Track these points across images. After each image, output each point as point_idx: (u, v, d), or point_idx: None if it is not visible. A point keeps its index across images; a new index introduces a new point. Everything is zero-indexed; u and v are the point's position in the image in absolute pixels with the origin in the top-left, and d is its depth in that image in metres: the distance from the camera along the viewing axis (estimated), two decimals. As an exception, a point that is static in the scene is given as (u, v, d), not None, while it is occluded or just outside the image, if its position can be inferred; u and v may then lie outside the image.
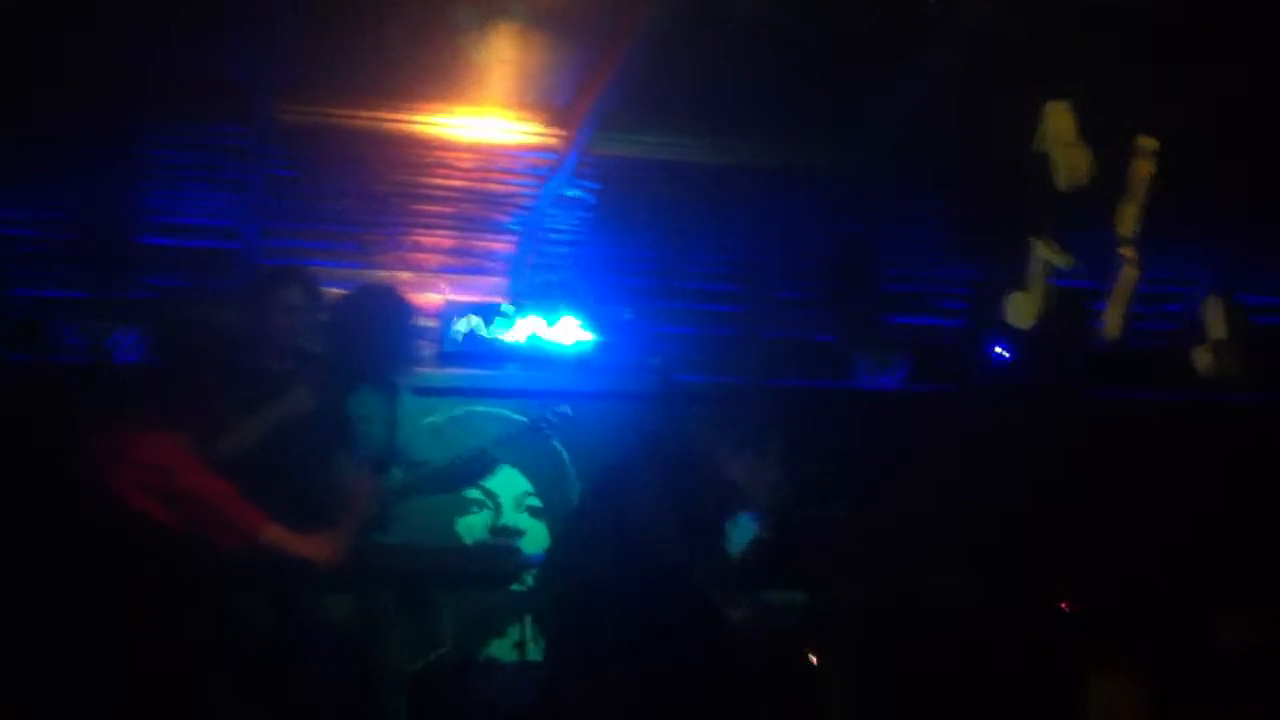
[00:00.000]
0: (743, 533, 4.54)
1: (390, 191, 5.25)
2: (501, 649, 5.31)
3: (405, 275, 5.44)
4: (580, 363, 5.64)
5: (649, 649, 4.11)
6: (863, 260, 5.91)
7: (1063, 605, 5.01)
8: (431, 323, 5.44)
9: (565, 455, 5.68)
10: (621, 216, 5.48)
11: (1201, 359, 3.86)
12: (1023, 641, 4.86)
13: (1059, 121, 3.46)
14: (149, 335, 5.11)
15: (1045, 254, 3.69)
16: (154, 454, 3.45)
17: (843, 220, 5.64)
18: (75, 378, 5.07)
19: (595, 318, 5.54)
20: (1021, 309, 3.71)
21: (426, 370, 5.33)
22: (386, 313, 4.37)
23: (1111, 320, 3.56)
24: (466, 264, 5.61)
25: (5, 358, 5.01)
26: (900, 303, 6.05)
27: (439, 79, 4.69)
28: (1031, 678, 4.69)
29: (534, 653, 5.09)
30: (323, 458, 3.90)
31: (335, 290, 4.58)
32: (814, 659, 4.37)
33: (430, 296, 5.48)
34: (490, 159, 5.11)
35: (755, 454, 4.46)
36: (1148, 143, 3.60)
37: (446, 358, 5.54)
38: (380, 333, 4.25)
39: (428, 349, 5.40)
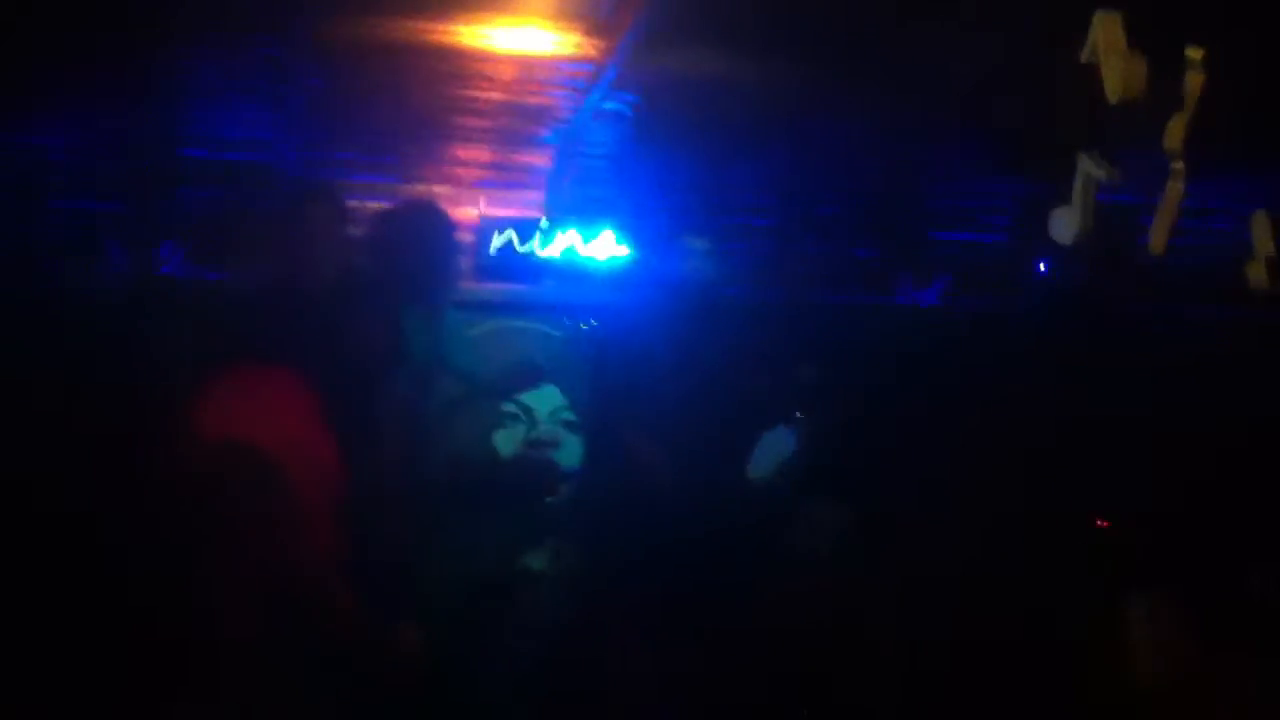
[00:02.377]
0: (780, 446, 4.56)
1: (427, 104, 5.23)
2: (538, 561, 5.36)
3: (442, 189, 5.45)
4: (617, 277, 5.65)
5: (685, 563, 4.15)
6: (904, 176, 5.87)
7: (1101, 523, 5.01)
8: (468, 237, 5.46)
9: (601, 369, 5.70)
10: (661, 131, 5.45)
11: (1250, 275, 3.80)
12: (1061, 555, 4.87)
13: (1109, 31, 3.39)
14: (192, 249, 5.18)
15: (1090, 168, 3.63)
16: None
17: (885, 136, 5.57)
18: (120, 290, 5.13)
19: (633, 233, 5.53)
20: (1065, 224, 3.66)
21: (463, 285, 5.36)
22: (425, 227, 4.38)
23: (1157, 236, 3.50)
24: (503, 178, 5.61)
25: (49, 271, 5.06)
26: (941, 218, 6.02)
27: (477, -11, 4.64)
28: (1068, 592, 4.71)
29: (571, 565, 5.13)
30: (367, 371, 3.93)
31: (374, 204, 4.60)
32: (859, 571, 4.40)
33: (467, 211, 5.49)
34: (528, 71, 5.07)
35: (793, 368, 4.49)
36: (1196, 54, 3.53)
37: (483, 272, 5.56)
38: (419, 248, 4.27)
39: (465, 263, 5.43)
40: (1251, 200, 3.78)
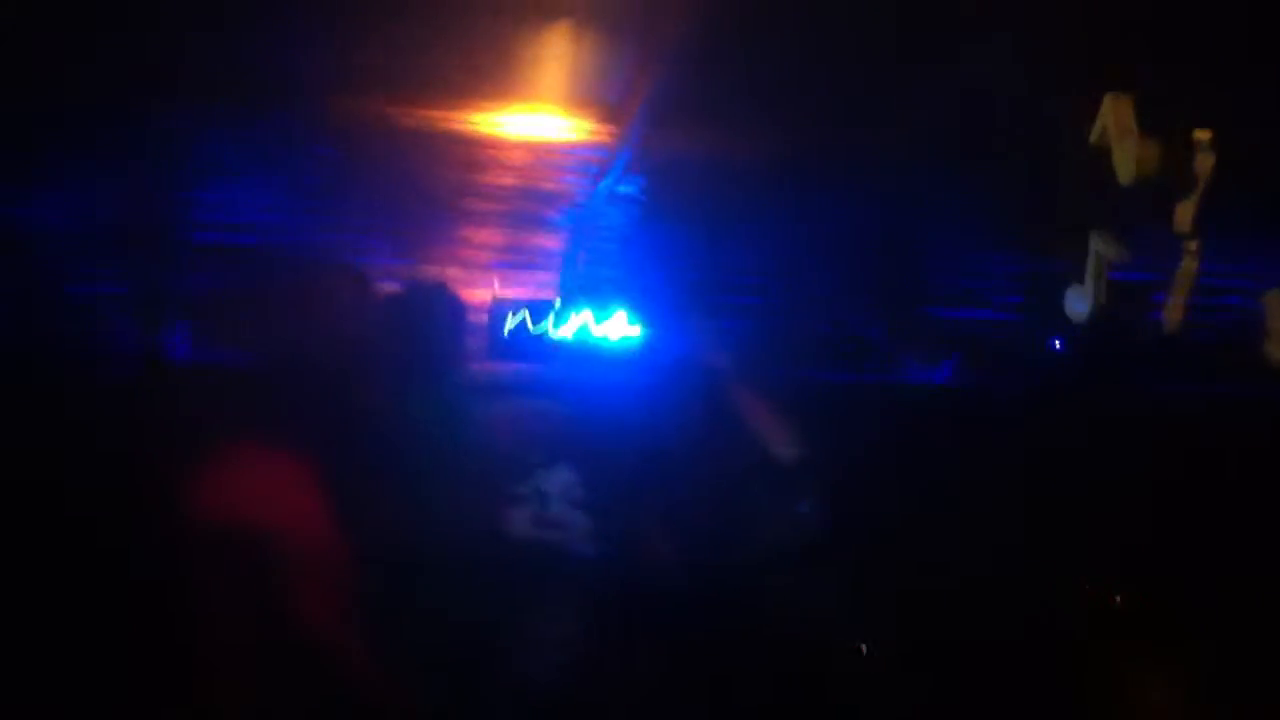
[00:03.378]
0: (790, 525, 4.54)
1: (440, 188, 5.28)
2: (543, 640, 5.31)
3: (455, 271, 5.47)
4: (628, 357, 5.66)
5: (694, 642, 4.12)
6: (913, 254, 5.89)
7: (1114, 599, 4.99)
8: (481, 319, 5.48)
9: (613, 448, 5.68)
10: (672, 212, 5.49)
11: (1264, 353, 3.81)
12: (1070, 635, 4.83)
13: (1120, 113, 3.43)
14: (202, 331, 5.18)
15: (1101, 247, 3.66)
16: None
17: (894, 213, 5.60)
18: (127, 373, 5.12)
19: (645, 313, 5.55)
20: (1079, 302, 3.68)
21: (477, 365, 5.37)
22: (437, 310, 4.39)
23: (1171, 314, 3.53)
24: (517, 260, 5.64)
25: (56, 354, 5.05)
26: (952, 297, 6.03)
27: (491, 77, 4.69)
28: (1079, 671, 4.68)
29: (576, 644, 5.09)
30: (377, 451, 3.92)
31: (386, 287, 4.61)
32: (863, 649, 4.37)
33: (480, 292, 5.51)
34: (541, 156, 5.13)
35: (802, 448, 4.47)
36: (1205, 135, 3.57)
37: (496, 353, 5.57)
38: (432, 329, 4.27)
39: (477, 345, 5.44)
40: (1265, 278, 3.81)
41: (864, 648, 4.36)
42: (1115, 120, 3.44)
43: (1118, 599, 5.02)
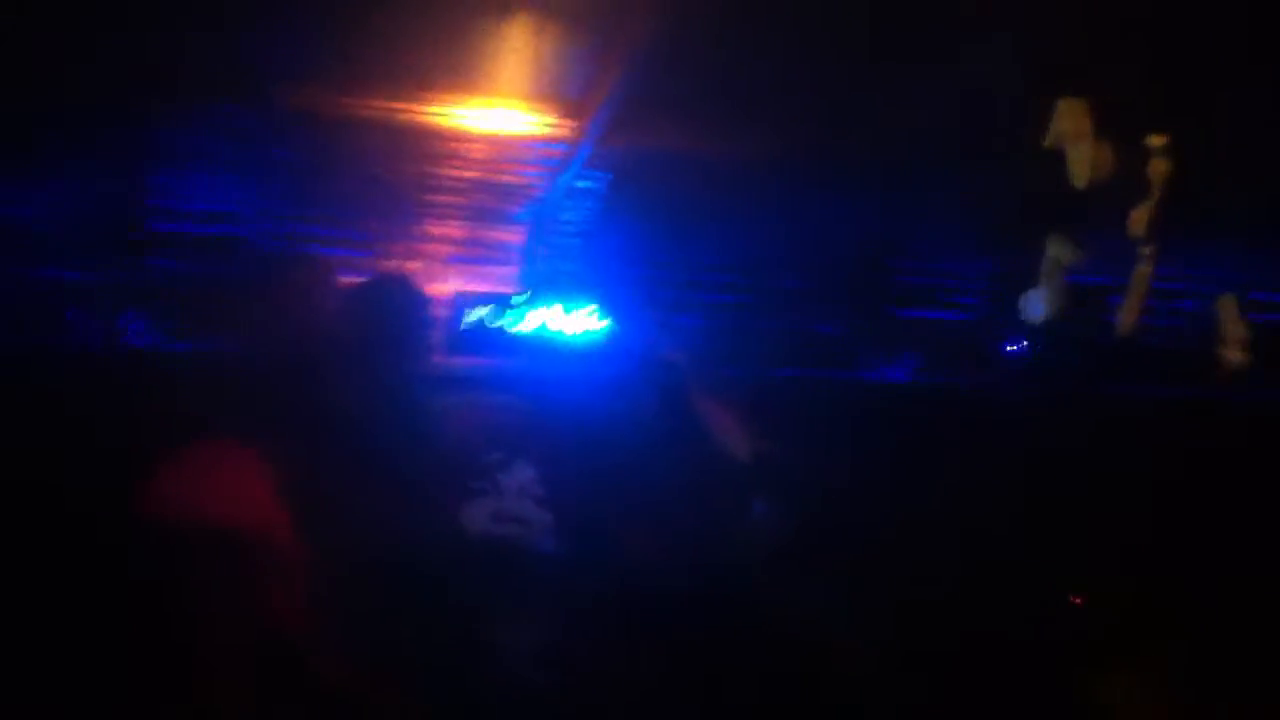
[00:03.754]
0: (749, 521, 4.55)
1: (401, 181, 5.25)
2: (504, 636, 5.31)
3: (415, 264, 5.46)
4: (589, 352, 5.66)
5: (657, 640, 4.12)
6: (874, 253, 5.91)
7: (1075, 600, 5.02)
8: (441, 312, 5.47)
9: (571, 443, 5.69)
10: (632, 207, 5.49)
11: (1215, 357, 3.85)
12: (1032, 636, 4.86)
13: (1073, 118, 3.46)
14: (160, 320, 5.15)
15: (1058, 250, 3.69)
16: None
17: (855, 212, 5.63)
18: (84, 362, 5.08)
19: (605, 308, 5.55)
20: (1036, 304, 3.71)
21: (436, 359, 5.36)
22: (398, 303, 4.38)
23: (1126, 317, 3.56)
24: (477, 254, 5.62)
25: (13, 341, 5.02)
26: (911, 296, 6.06)
27: (452, 69, 4.66)
28: (1041, 673, 4.70)
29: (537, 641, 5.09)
30: (331, 442, 3.90)
31: (346, 278, 4.59)
32: (827, 646, 4.38)
33: (440, 286, 5.50)
34: (502, 150, 5.11)
35: (762, 444, 4.48)
36: (1160, 140, 3.60)
37: (455, 347, 5.56)
38: (392, 323, 4.26)
39: (437, 338, 5.43)
40: (1219, 283, 3.85)
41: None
42: (1070, 124, 3.46)
43: (1077, 600, 5.06)
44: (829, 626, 4.43)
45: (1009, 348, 5.88)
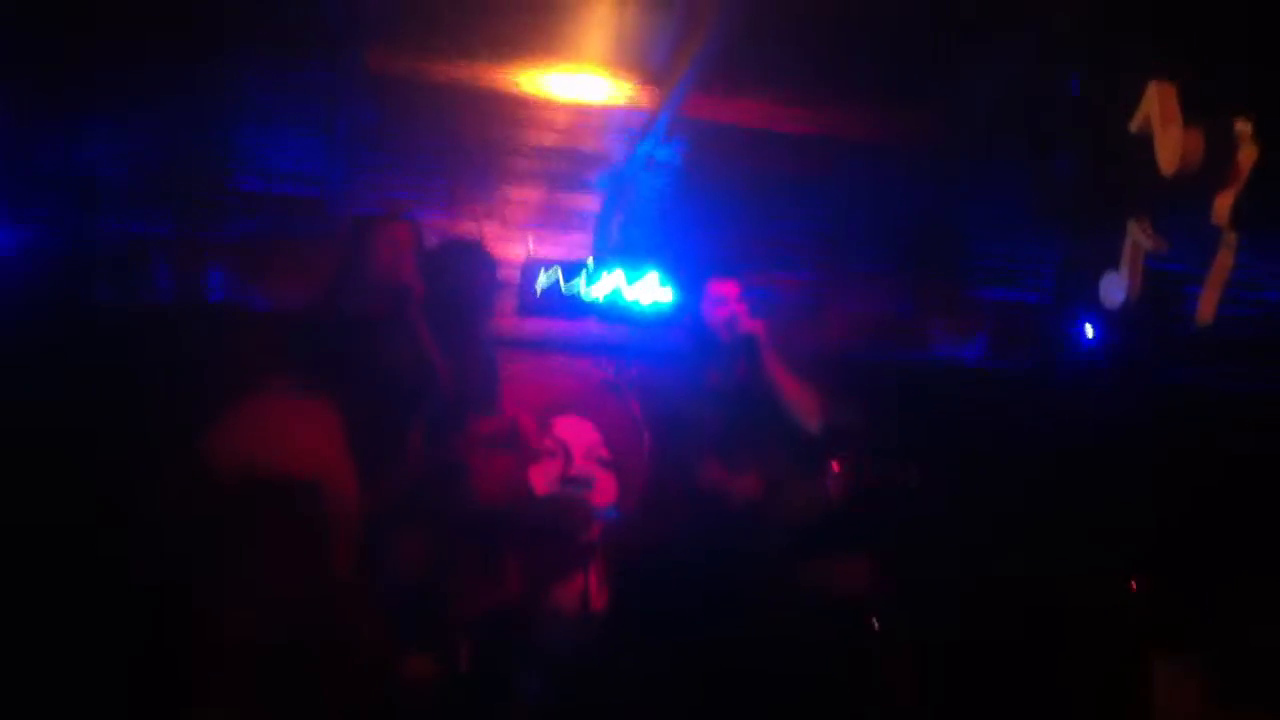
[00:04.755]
0: (813, 498, 4.56)
1: (480, 145, 5.28)
2: (566, 598, 5.36)
3: (491, 228, 5.49)
4: (658, 321, 5.68)
5: (712, 607, 4.14)
6: (949, 233, 5.87)
7: (1132, 585, 4.99)
8: (515, 275, 5.51)
9: (638, 409, 5.72)
10: (709, 180, 5.49)
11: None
12: (1089, 620, 4.84)
13: (1164, 102, 3.40)
14: (240, 276, 5.22)
15: (1138, 236, 3.64)
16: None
17: (931, 192, 5.59)
18: (164, 316, 5.17)
19: (678, 278, 5.56)
20: (1114, 289, 3.66)
21: (507, 322, 5.40)
22: (472, 265, 4.42)
23: (1205, 305, 3.50)
24: (552, 220, 5.65)
25: (95, 295, 5.10)
26: (985, 277, 6.01)
27: (534, 35, 4.69)
28: (1096, 657, 4.68)
29: (598, 604, 5.13)
30: (404, 405, 3.95)
31: (422, 240, 4.63)
32: (876, 624, 4.38)
33: (515, 250, 5.54)
34: (582, 117, 5.13)
35: (828, 420, 4.48)
36: (1246, 127, 3.53)
37: (527, 310, 5.60)
38: (465, 285, 4.30)
39: (509, 301, 5.48)
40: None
41: (875, 622, 4.38)
42: (1159, 108, 3.40)
43: (1134, 586, 5.03)
44: (893, 604, 4.44)
45: (1083, 333, 5.82)
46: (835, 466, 4.51)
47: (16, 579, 3.70)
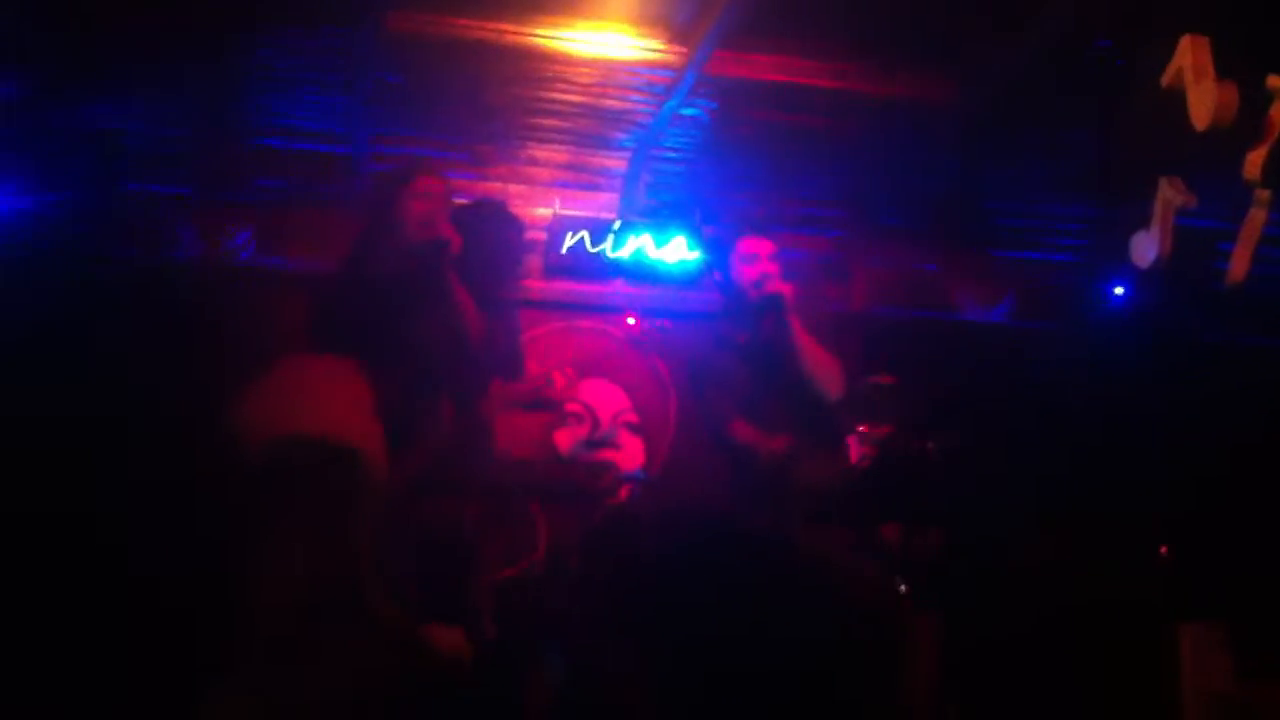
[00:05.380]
0: (836, 464, 4.53)
1: (504, 104, 5.25)
2: (591, 561, 5.35)
3: (517, 188, 5.48)
4: (685, 281, 5.66)
5: (736, 575, 4.14)
6: (977, 192, 5.82)
7: (1161, 549, 4.96)
8: (541, 236, 5.49)
9: (665, 372, 5.72)
10: (735, 138, 5.45)
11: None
12: (1118, 584, 4.82)
13: (1198, 56, 3.34)
14: (266, 237, 5.23)
15: (1169, 193, 3.59)
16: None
17: (960, 151, 5.54)
18: (192, 275, 5.18)
19: (703, 237, 5.54)
20: (1144, 248, 3.62)
21: (533, 283, 5.39)
22: (497, 226, 4.40)
23: (1237, 264, 3.45)
24: (578, 179, 5.63)
25: (121, 255, 5.12)
26: (1013, 236, 5.97)
27: (560, -10, 4.67)
28: (1124, 627, 4.66)
29: (624, 567, 5.11)
30: (436, 368, 3.94)
31: (447, 200, 4.61)
32: (904, 589, 4.36)
33: (541, 210, 5.52)
34: (607, 75, 5.09)
35: (854, 381, 4.45)
36: (1278, 83, 3.47)
37: (553, 271, 5.59)
38: (490, 246, 4.28)
39: (535, 262, 5.47)
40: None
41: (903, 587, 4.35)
42: (1192, 62, 3.34)
43: (1164, 551, 4.99)
44: (919, 570, 4.42)
45: (1113, 292, 5.77)
46: (862, 431, 4.48)
47: (38, 540, 3.73)
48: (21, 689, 3.44)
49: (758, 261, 4.39)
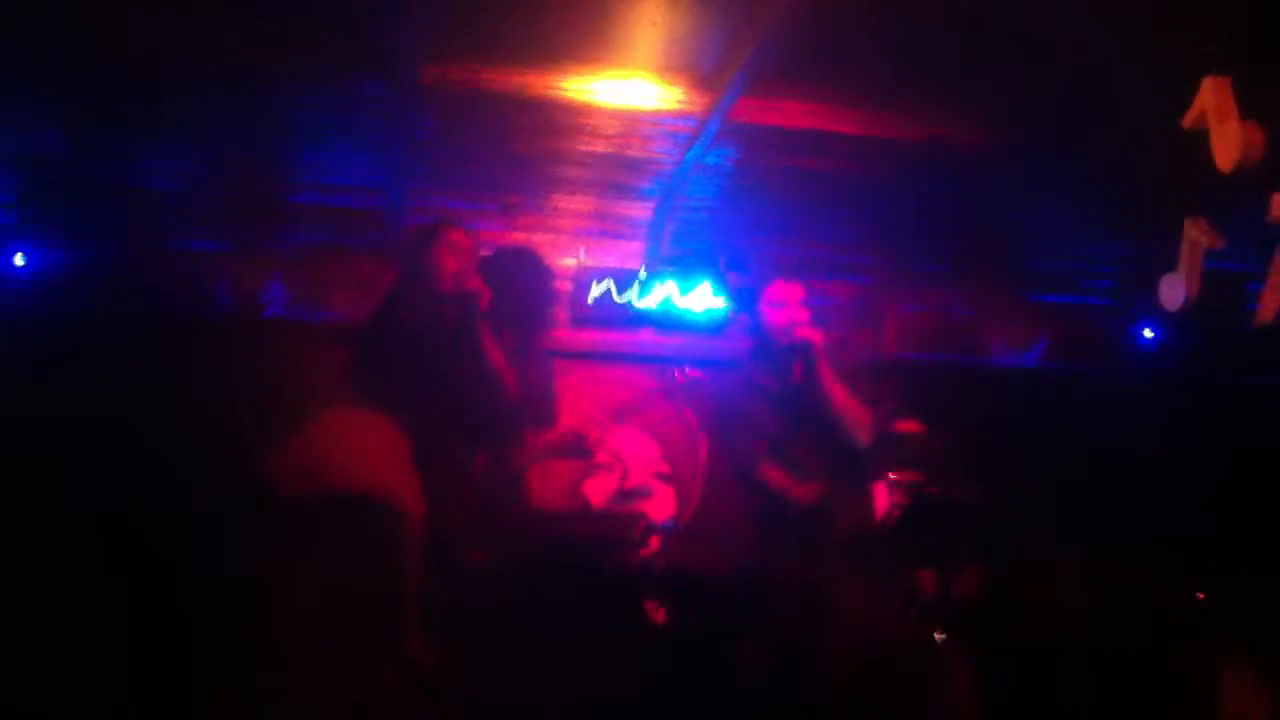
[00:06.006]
0: (866, 511, 4.51)
1: (531, 154, 5.29)
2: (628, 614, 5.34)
3: (543, 237, 5.51)
4: (713, 329, 5.66)
5: (773, 615, 4.11)
6: (1007, 236, 5.81)
7: (1198, 595, 4.89)
8: (567, 285, 5.51)
9: (694, 421, 5.70)
10: (761, 185, 5.46)
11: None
12: (1156, 631, 4.75)
13: (1220, 96, 3.33)
14: (299, 289, 5.27)
15: (1195, 235, 3.57)
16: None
17: (988, 194, 5.53)
18: (226, 330, 5.22)
19: (731, 286, 5.55)
20: (1172, 290, 3.59)
21: (560, 333, 5.40)
22: (529, 276, 4.41)
23: (1266, 305, 3.43)
24: (604, 228, 5.66)
25: (156, 310, 5.17)
26: (1044, 280, 5.95)
27: (584, 42, 4.66)
28: (1164, 669, 4.59)
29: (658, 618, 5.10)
30: (469, 419, 3.94)
31: (476, 250, 4.64)
32: (940, 637, 4.33)
33: (567, 259, 5.55)
34: (632, 124, 5.11)
35: (880, 434, 4.43)
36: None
37: (579, 321, 5.61)
38: (522, 296, 4.29)
39: (562, 312, 5.48)
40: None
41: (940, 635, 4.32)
42: (1214, 103, 3.33)
43: (1200, 596, 4.93)
44: (955, 612, 4.38)
45: (1143, 334, 5.73)
46: (893, 479, 4.46)
47: (77, 585, 3.75)
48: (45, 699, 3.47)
49: (787, 307, 4.39)
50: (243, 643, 3.25)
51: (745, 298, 4.60)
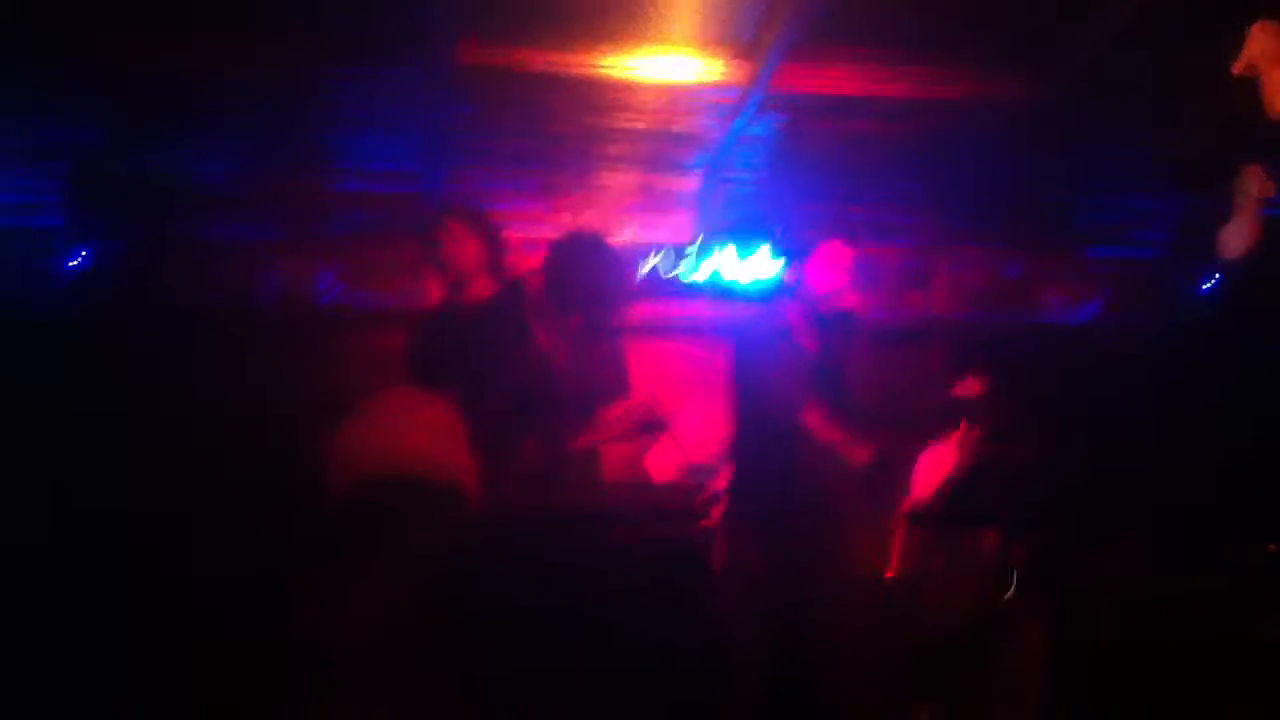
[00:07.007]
0: (929, 467, 4.50)
1: (573, 133, 5.30)
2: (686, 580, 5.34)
3: (591, 215, 5.51)
4: (764, 298, 5.64)
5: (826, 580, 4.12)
6: (1056, 192, 5.75)
7: (1270, 547, 4.84)
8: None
9: (753, 390, 5.69)
10: (806, 151, 5.43)
11: None
12: (1221, 588, 4.71)
13: (1268, 43, 3.27)
14: (346, 275, 5.30)
15: (1252, 182, 3.52)
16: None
17: (1036, 151, 5.47)
18: (271, 319, 5.26)
19: (779, 254, 5.52)
20: (1232, 240, 3.55)
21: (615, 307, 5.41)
22: (587, 256, 4.41)
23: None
24: (651, 203, 5.66)
25: (201, 300, 5.21)
26: (1096, 235, 5.89)
27: (621, 18, 4.66)
28: (1234, 622, 4.55)
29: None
30: (518, 403, 3.95)
31: (522, 231, 4.65)
32: (1006, 598, 4.32)
33: (615, 236, 5.54)
34: (674, 98, 5.10)
35: (943, 390, 4.41)
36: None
37: (632, 295, 5.60)
38: (582, 276, 4.29)
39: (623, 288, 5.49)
40: None
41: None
42: (1264, 49, 3.28)
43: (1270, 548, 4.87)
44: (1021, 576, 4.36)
45: (1200, 287, 5.66)
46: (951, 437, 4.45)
47: (130, 576, 3.79)
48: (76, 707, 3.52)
49: (834, 271, 4.36)
50: (290, 653, 3.29)
51: (794, 263, 4.58)
